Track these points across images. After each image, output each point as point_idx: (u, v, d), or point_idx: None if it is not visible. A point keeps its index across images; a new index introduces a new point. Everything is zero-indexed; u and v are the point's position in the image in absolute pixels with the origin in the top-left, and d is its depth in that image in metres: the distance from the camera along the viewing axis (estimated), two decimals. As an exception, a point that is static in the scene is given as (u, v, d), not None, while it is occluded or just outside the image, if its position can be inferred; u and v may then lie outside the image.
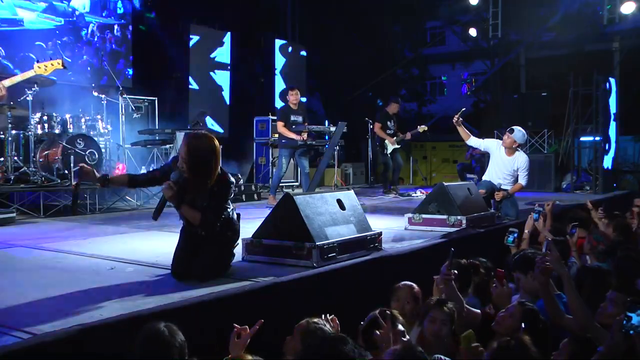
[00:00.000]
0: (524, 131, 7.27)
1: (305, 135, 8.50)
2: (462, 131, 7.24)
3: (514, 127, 7.19)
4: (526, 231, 5.49)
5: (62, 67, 4.92)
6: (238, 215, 4.04)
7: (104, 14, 10.92)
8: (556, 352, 2.66)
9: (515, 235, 5.10)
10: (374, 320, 2.96)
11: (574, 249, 5.20)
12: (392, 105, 10.44)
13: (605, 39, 14.96)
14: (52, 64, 4.81)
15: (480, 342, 2.77)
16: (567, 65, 14.53)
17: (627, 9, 12.68)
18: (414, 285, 3.73)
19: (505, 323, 3.28)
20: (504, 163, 7.15)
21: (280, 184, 9.42)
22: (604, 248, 5.05)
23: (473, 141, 7.45)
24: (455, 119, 7.12)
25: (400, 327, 2.87)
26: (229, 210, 3.92)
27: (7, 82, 4.60)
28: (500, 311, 3.38)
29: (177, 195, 3.70)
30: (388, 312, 3.07)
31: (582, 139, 13.43)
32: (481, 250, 4.58)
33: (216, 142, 3.74)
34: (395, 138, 10.17)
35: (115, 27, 11.15)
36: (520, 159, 7.13)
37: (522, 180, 7.10)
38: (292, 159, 8.85)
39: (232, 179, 3.87)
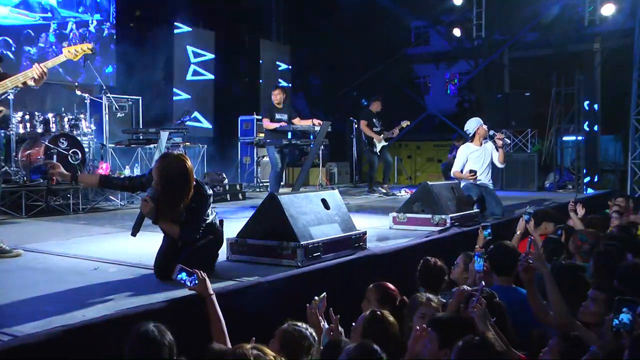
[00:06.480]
0: (473, 118, 7.61)
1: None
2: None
3: (465, 128, 7.55)
4: (518, 232, 5.52)
5: (90, 53, 4.68)
6: (221, 221, 4.03)
7: (80, 10, 10.67)
8: (545, 350, 2.67)
9: (490, 230, 5.16)
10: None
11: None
12: (374, 103, 10.48)
13: (587, 40, 15.11)
14: (82, 49, 4.59)
15: None
16: (550, 65, 14.67)
17: (607, 10, 12.81)
18: (386, 286, 3.59)
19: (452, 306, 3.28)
20: (483, 154, 7.33)
21: (266, 184, 9.29)
22: (589, 247, 5.08)
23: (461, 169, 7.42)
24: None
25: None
26: (210, 217, 3.89)
27: (49, 64, 4.47)
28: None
29: (154, 211, 3.64)
30: (379, 312, 3.07)
31: (564, 138, 13.58)
32: (465, 249, 4.61)
33: (188, 162, 3.66)
34: (382, 135, 10.21)
35: (93, 23, 10.92)
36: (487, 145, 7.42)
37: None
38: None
39: (209, 191, 3.82)
